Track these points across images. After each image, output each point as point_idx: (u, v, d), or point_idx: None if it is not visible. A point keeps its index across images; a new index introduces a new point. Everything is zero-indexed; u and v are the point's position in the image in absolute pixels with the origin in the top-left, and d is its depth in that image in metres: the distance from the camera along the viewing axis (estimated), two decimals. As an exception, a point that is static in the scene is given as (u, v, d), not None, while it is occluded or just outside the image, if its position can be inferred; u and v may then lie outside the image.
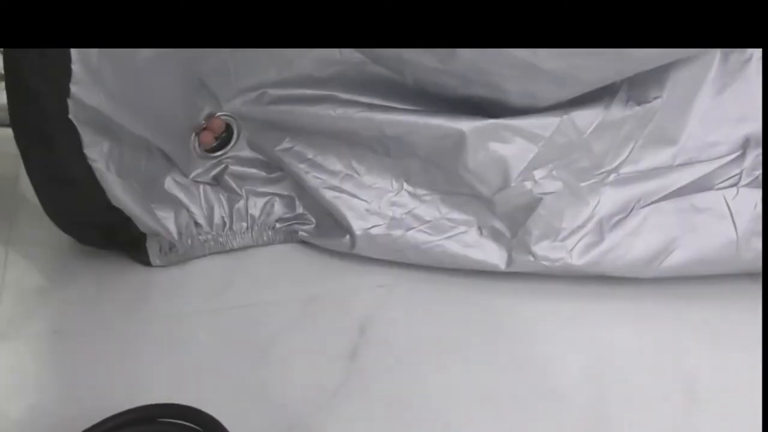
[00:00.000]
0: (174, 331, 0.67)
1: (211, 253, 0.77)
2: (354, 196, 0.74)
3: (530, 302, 0.72)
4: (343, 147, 0.74)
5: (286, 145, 0.75)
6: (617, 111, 0.71)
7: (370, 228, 0.73)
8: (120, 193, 0.65)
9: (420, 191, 0.75)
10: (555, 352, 0.66)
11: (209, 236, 0.76)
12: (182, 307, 0.70)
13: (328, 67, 0.70)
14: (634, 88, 0.73)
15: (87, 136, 0.60)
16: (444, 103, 0.72)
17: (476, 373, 0.64)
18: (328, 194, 0.74)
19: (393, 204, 0.74)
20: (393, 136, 0.72)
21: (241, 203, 0.77)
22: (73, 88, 0.56)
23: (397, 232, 0.73)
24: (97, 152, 0.62)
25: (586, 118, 0.71)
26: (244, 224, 0.77)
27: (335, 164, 0.75)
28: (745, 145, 0.75)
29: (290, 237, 0.79)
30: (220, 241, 0.77)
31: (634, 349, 0.67)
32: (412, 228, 0.73)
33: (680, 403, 0.61)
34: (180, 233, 0.75)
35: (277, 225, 0.78)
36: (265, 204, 0.78)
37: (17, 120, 0.61)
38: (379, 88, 0.71)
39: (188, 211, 0.76)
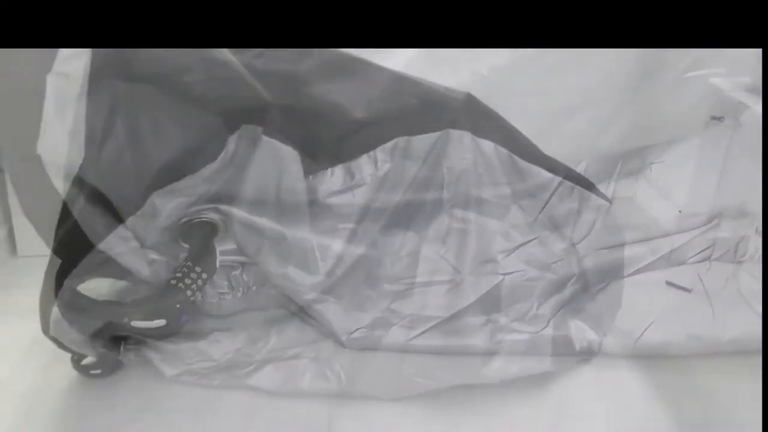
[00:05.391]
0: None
1: (215, 315, 0.78)
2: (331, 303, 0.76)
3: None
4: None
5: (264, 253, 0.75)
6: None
7: (353, 332, 0.75)
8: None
9: (397, 287, 0.77)
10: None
11: (213, 300, 0.78)
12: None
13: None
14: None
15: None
16: None
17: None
18: (306, 303, 0.76)
19: (372, 306, 0.76)
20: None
21: (237, 271, 0.78)
22: None
23: (379, 332, 0.75)
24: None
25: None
26: (241, 290, 0.79)
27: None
28: (719, 216, 0.76)
29: (286, 304, 0.79)
30: (222, 305, 0.78)
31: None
32: (394, 324, 0.75)
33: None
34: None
35: (272, 291, 0.79)
36: (259, 272, 0.78)
37: None
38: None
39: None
